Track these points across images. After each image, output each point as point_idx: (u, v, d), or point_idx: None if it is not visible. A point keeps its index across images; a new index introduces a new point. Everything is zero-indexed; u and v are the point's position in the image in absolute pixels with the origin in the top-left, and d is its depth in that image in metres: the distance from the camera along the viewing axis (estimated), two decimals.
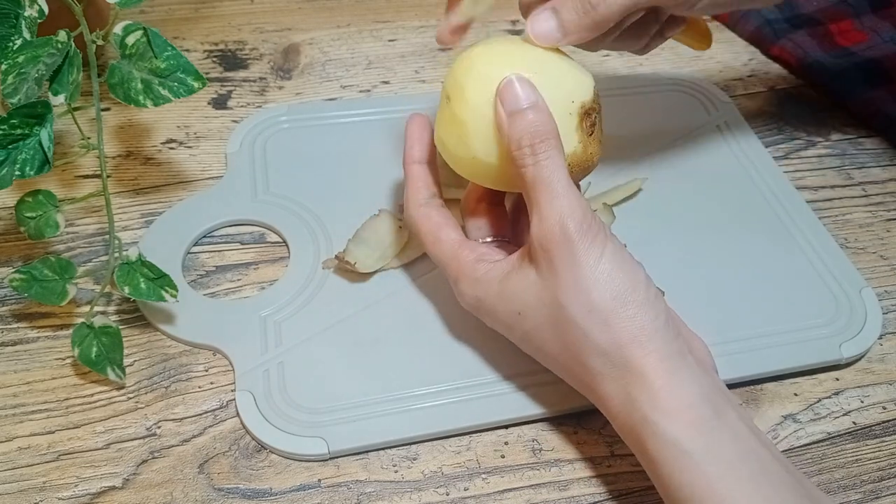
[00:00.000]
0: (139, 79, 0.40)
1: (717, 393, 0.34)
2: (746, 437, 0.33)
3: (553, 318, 0.35)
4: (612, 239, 0.35)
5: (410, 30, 0.64)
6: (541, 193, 0.35)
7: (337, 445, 0.38)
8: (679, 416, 0.33)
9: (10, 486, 0.36)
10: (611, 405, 0.35)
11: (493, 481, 0.38)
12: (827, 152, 0.57)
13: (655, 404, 0.33)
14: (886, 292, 0.48)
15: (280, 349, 0.41)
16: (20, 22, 0.39)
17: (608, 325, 0.34)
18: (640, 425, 0.34)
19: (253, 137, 0.52)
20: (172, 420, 0.39)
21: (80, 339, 0.39)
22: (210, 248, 0.47)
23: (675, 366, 0.33)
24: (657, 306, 0.34)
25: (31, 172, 0.38)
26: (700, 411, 0.33)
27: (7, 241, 0.46)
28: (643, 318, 0.34)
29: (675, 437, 0.32)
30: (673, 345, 0.34)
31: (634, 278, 0.35)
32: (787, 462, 0.33)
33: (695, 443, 0.32)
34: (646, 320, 0.34)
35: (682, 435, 0.32)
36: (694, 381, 0.33)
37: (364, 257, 0.44)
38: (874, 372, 0.44)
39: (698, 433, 0.32)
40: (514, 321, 0.37)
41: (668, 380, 0.33)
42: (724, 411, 0.33)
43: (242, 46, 0.61)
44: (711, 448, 0.32)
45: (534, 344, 0.37)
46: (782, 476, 0.32)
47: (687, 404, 0.33)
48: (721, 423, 0.33)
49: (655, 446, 0.33)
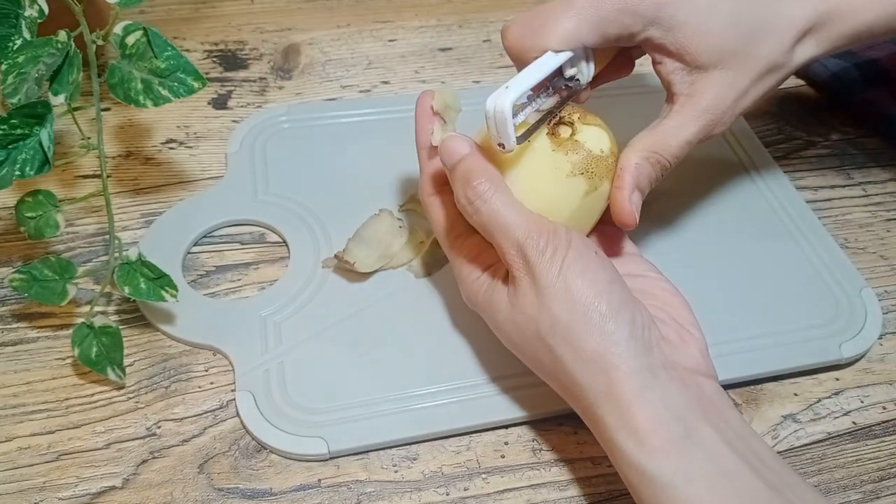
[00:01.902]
0: (139, 79, 0.40)
1: (692, 408, 0.32)
2: (721, 455, 0.31)
3: (524, 336, 0.36)
4: (574, 247, 0.34)
5: (410, 30, 0.64)
6: (493, 233, 0.35)
7: (337, 445, 0.38)
8: (646, 440, 0.31)
9: (10, 486, 0.36)
10: (586, 421, 0.35)
11: (493, 481, 0.38)
12: (827, 152, 0.57)
13: (622, 425, 0.32)
14: (886, 292, 0.48)
15: (280, 349, 0.41)
16: (20, 22, 0.39)
17: (570, 341, 0.33)
18: (610, 446, 0.33)
19: (253, 137, 0.52)
20: (172, 420, 0.39)
21: (81, 339, 0.39)
22: (210, 248, 0.47)
23: (643, 384, 0.32)
24: (620, 317, 0.33)
25: (31, 172, 0.38)
26: (669, 432, 0.31)
27: (7, 241, 0.46)
28: (604, 331, 0.33)
29: (640, 462, 0.31)
30: (641, 360, 0.33)
31: (596, 288, 0.34)
32: (780, 472, 0.32)
33: (662, 467, 0.31)
34: (607, 334, 0.33)
35: (649, 460, 0.31)
36: (663, 399, 0.32)
37: (364, 257, 0.44)
38: (874, 372, 0.44)
39: (666, 457, 0.31)
40: (498, 334, 0.38)
41: (633, 399, 0.32)
42: (698, 429, 0.32)
43: (242, 46, 0.61)
44: (679, 471, 0.31)
45: (519, 356, 0.38)
46: (760, 494, 0.31)
47: (653, 426, 0.32)
48: (691, 444, 0.31)
49: (624, 469, 0.33)
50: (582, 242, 0.35)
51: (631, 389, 0.32)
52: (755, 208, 0.51)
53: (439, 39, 0.63)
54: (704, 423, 0.32)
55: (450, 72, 0.60)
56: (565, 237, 0.35)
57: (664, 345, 0.34)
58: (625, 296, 0.34)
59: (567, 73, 0.38)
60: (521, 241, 0.34)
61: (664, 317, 0.36)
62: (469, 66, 0.61)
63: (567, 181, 0.36)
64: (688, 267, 0.47)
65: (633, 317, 0.34)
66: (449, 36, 0.63)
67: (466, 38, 0.63)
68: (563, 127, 0.37)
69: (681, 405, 0.32)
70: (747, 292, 0.46)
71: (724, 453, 0.31)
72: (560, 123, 0.37)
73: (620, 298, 0.34)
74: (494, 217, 0.35)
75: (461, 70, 0.60)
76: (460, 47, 0.62)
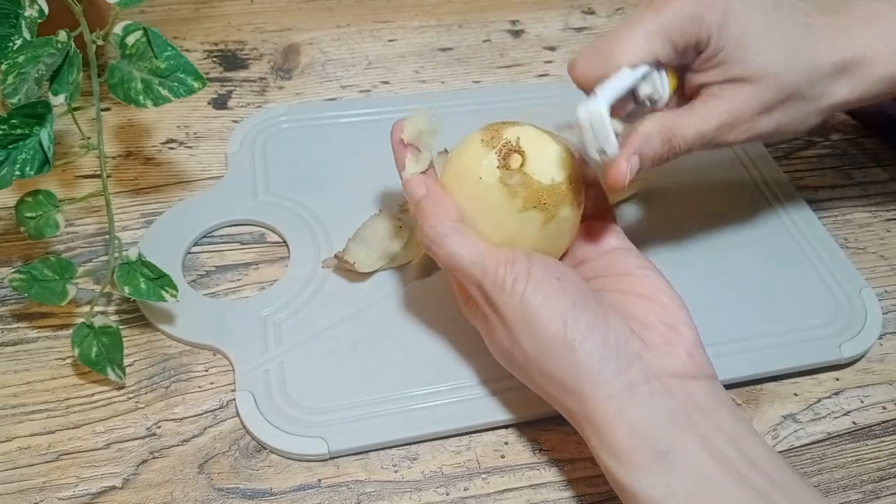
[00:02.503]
0: (139, 79, 0.40)
1: (675, 421, 0.32)
2: (704, 467, 0.31)
3: (508, 363, 0.37)
4: (534, 277, 0.34)
5: (410, 30, 0.64)
6: (455, 272, 0.36)
7: (337, 445, 0.38)
8: (626, 459, 0.32)
9: (10, 486, 0.36)
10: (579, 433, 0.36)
11: (493, 481, 0.38)
12: (827, 152, 0.57)
13: (603, 446, 0.33)
14: (886, 292, 0.48)
15: (280, 349, 0.41)
16: (20, 22, 0.39)
17: (543, 371, 0.34)
18: (598, 461, 0.34)
19: (253, 137, 0.52)
20: (172, 420, 0.39)
21: (81, 339, 0.39)
22: (210, 248, 0.47)
23: (620, 405, 0.32)
24: (588, 344, 0.33)
25: (31, 172, 0.38)
26: (650, 449, 0.32)
27: (7, 241, 0.46)
28: (573, 360, 0.33)
29: (622, 479, 0.32)
30: (616, 382, 0.33)
31: (559, 316, 0.33)
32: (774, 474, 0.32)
33: (643, 485, 0.31)
34: (578, 362, 0.33)
35: (631, 479, 0.32)
36: (642, 417, 0.32)
37: (364, 257, 0.44)
38: (874, 372, 0.44)
39: (647, 474, 0.31)
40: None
41: (611, 422, 0.32)
42: (681, 442, 0.32)
43: (242, 46, 0.61)
44: (660, 488, 0.31)
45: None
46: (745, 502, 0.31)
47: (633, 446, 0.32)
48: (673, 459, 0.31)
49: (612, 485, 0.33)
50: (543, 269, 0.35)
51: (607, 413, 0.33)
52: (755, 208, 0.51)
53: (439, 39, 0.63)
54: (687, 436, 0.32)
55: (450, 72, 0.60)
56: (524, 266, 0.35)
57: (647, 354, 0.34)
58: (591, 318, 0.34)
59: (642, 92, 0.37)
60: (479, 278, 0.35)
61: (651, 320, 0.35)
62: (469, 66, 0.61)
63: (521, 215, 0.36)
64: (687, 267, 0.47)
65: (605, 339, 0.33)
66: (449, 36, 0.63)
67: (466, 38, 0.63)
68: (515, 156, 0.36)
69: (662, 420, 0.32)
70: (747, 292, 0.46)
71: (707, 465, 0.31)
72: (512, 151, 0.36)
73: (587, 323, 0.34)
74: (450, 259, 0.36)
75: (461, 70, 0.60)
76: (460, 47, 0.62)
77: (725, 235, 0.49)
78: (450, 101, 0.55)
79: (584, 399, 0.33)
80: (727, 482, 0.31)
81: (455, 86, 0.59)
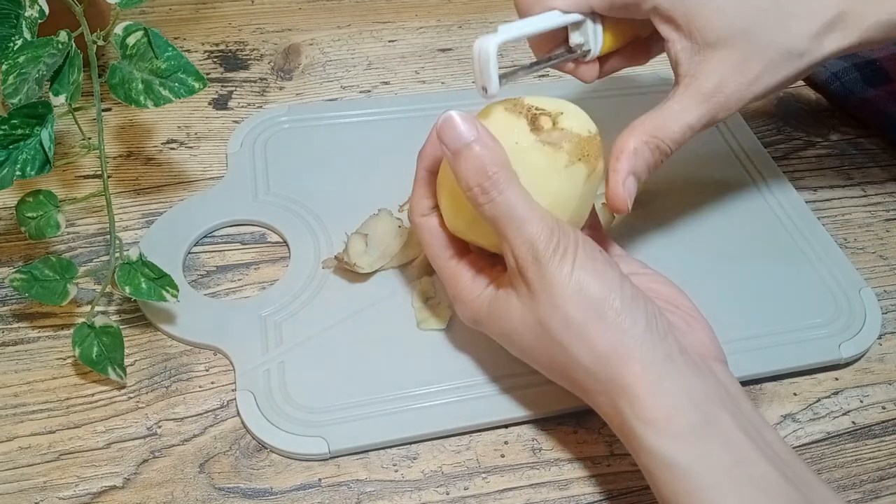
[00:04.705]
0: (140, 79, 0.40)
1: (710, 395, 0.33)
2: (738, 442, 0.32)
3: (538, 337, 0.35)
4: (583, 246, 0.34)
5: (410, 30, 0.64)
6: (504, 227, 0.34)
7: (337, 445, 0.38)
8: (664, 428, 0.32)
9: (11, 486, 0.36)
10: (603, 414, 0.35)
11: (493, 481, 0.38)
12: (826, 152, 0.57)
13: (640, 416, 0.32)
14: (886, 292, 0.48)
15: (280, 349, 0.41)
16: (21, 22, 0.39)
17: (585, 340, 0.34)
18: (628, 436, 0.33)
19: (253, 138, 0.52)
20: (173, 420, 0.39)
21: (81, 338, 0.39)
22: (211, 249, 0.47)
23: (660, 373, 0.33)
24: (635, 311, 0.33)
25: (32, 173, 0.38)
26: (687, 419, 0.32)
27: (8, 241, 0.46)
28: (620, 327, 0.33)
29: (660, 450, 0.32)
30: (658, 350, 0.33)
31: (608, 285, 0.34)
32: (791, 463, 0.32)
33: (680, 455, 0.31)
34: (624, 329, 0.33)
35: (668, 447, 0.32)
36: (681, 386, 0.33)
37: (364, 257, 0.44)
38: (873, 372, 0.44)
39: (685, 443, 0.31)
40: (506, 341, 0.38)
41: (651, 389, 0.32)
42: (716, 416, 0.32)
43: (243, 47, 0.61)
44: (698, 458, 0.31)
45: (529, 360, 0.37)
46: (776, 482, 0.31)
47: (672, 414, 0.32)
48: (710, 431, 0.32)
49: (643, 457, 0.33)
50: (589, 242, 0.35)
51: (649, 380, 0.32)
52: (755, 208, 0.51)
53: (439, 40, 0.63)
54: (722, 410, 0.32)
55: (450, 72, 0.60)
56: (574, 237, 0.35)
57: (675, 331, 0.35)
58: (635, 290, 0.34)
59: (573, 40, 0.37)
60: (534, 237, 0.34)
61: (668, 306, 0.37)
62: (469, 67, 0.61)
63: (567, 171, 0.35)
64: (687, 267, 0.47)
65: (646, 309, 0.34)
66: (449, 36, 0.63)
67: (466, 39, 0.63)
68: (544, 118, 0.36)
69: (699, 392, 0.33)
70: (746, 292, 0.46)
71: (741, 441, 0.32)
72: (539, 115, 0.36)
73: (632, 293, 0.34)
74: (510, 210, 0.34)
75: (461, 70, 0.60)
76: (460, 48, 0.62)
77: (724, 235, 0.49)
78: (450, 101, 0.55)
79: (626, 364, 0.33)
80: (760, 460, 0.31)
81: (455, 86, 0.59)
